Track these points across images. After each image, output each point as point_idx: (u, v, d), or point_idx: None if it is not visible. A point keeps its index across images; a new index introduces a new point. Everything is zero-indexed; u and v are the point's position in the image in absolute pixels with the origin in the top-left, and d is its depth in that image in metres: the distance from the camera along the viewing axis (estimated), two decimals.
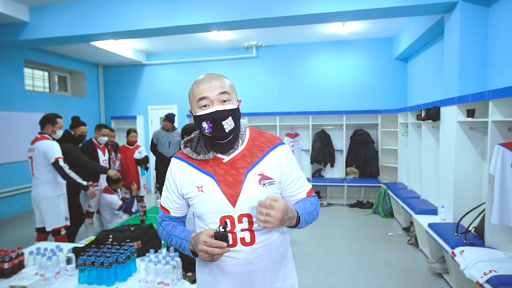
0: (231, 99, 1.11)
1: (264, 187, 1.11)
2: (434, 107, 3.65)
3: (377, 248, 3.96)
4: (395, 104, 6.29)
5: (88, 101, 7.48)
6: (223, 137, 1.09)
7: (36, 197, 3.43)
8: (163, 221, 1.26)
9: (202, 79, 1.12)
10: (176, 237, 1.16)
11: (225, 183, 1.11)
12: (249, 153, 1.16)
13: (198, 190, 1.12)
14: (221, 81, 1.11)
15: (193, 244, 1.08)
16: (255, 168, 1.13)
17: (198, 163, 1.16)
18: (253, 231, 1.11)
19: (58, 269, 2.03)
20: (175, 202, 1.22)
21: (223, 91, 1.09)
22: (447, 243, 2.81)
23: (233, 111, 1.10)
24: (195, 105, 1.11)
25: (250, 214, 1.10)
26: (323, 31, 5.89)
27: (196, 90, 1.10)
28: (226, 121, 1.08)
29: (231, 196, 1.10)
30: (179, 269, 1.97)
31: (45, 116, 3.48)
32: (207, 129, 1.08)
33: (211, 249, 1.00)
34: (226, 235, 1.03)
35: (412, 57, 5.99)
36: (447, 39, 3.78)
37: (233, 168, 1.13)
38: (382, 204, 5.35)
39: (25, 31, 4.60)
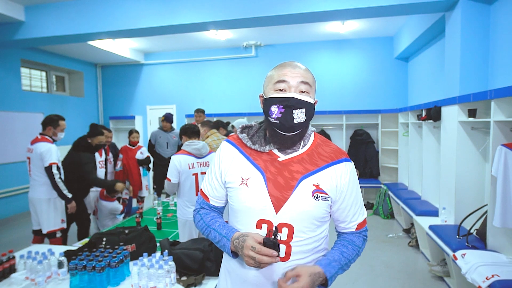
0: (310, 93, 1.01)
1: (317, 200, 0.99)
2: (435, 107, 3.59)
3: (377, 250, 3.90)
4: (396, 103, 6.23)
5: (86, 101, 7.43)
6: (289, 128, 0.98)
7: (32, 199, 3.38)
8: (202, 209, 1.16)
9: (286, 63, 1.03)
10: (216, 231, 1.06)
11: (274, 183, 1.00)
12: (309, 159, 1.04)
13: (242, 182, 1.02)
14: (305, 71, 1.02)
15: (236, 246, 0.98)
16: (312, 177, 1.01)
17: (250, 153, 1.06)
18: (291, 245, 0.99)
19: (50, 273, 1.97)
20: (216, 190, 1.11)
21: (304, 81, 1.00)
22: (448, 246, 2.75)
23: (308, 105, 0.99)
24: (270, 87, 1.02)
25: (292, 226, 0.98)
26: (322, 30, 5.84)
27: (276, 73, 1.02)
28: (298, 111, 0.97)
29: (277, 200, 0.98)
30: (173, 273, 1.92)
31: (48, 117, 3.42)
32: (275, 114, 0.97)
33: (259, 256, 0.90)
34: (276, 243, 0.92)
35: (412, 56, 5.93)
36: (448, 37, 3.72)
37: (287, 170, 1.02)
38: (382, 205, 5.29)
39: (21, 30, 4.55)
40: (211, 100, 7.15)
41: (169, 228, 3.30)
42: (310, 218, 1.00)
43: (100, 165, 4.17)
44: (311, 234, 1.01)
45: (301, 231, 0.99)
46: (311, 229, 1.01)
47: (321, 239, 1.06)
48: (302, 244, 1.00)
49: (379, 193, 5.42)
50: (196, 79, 7.21)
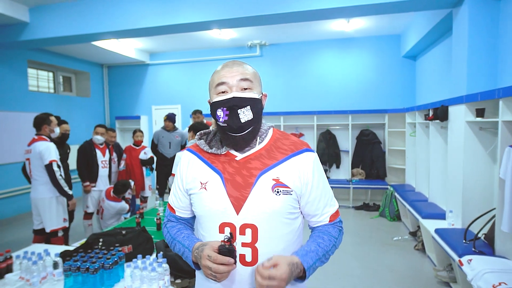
0: (252, 88, 0.98)
1: (278, 195, 0.94)
2: (442, 106, 3.49)
3: (382, 253, 3.81)
4: (403, 103, 6.10)
5: (92, 101, 7.50)
6: (237, 129, 0.95)
7: (34, 199, 3.40)
8: (169, 222, 1.13)
9: (223, 65, 1.02)
10: (180, 243, 1.02)
11: (233, 183, 0.96)
12: (267, 154, 1.00)
13: (201, 186, 0.99)
14: (243, 67, 0.99)
15: (196, 256, 0.94)
16: (271, 171, 0.97)
17: (208, 158, 1.03)
18: (257, 248, 0.94)
19: (45, 274, 1.96)
20: (180, 200, 1.08)
21: (244, 78, 0.97)
22: (454, 251, 2.66)
23: (253, 100, 0.96)
24: (213, 91, 1.00)
25: (256, 226, 0.93)
26: (327, 28, 5.75)
27: (215, 76, 1.00)
28: (243, 110, 0.94)
29: (237, 200, 0.95)
30: (166, 276, 1.88)
31: (38, 117, 3.42)
32: (222, 118, 0.96)
33: (215, 266, 0.86)
34: (231, 250, 0.88)
35: (420, 54, 5.79)
36: (455, 34, 3.61)
37: (245, 168, 0.98)
38: (388, 206, 5.18)
39: (26, 31, 4.60)
40: None
41: None
42: (274, 216, 0.95)
43: (103, 164, 4.18)
44: (278, 233, 0.96)
45: (266, 231, 0.94)
46: (278, 227, 0.96)
47: (291, 238, 1.00)
48: (270, 245, 0.95)
49: (386, 195, 5.31)
50: (201, 79, 7.19)
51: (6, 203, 5.39)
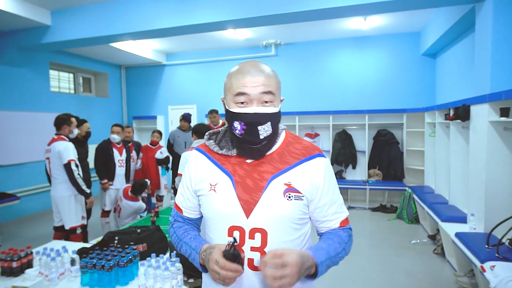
0: (274, 101, 0.93)
1: (290, 200, 0.92)
2: (464, 106, 3.36)
3: (399, 256, 3.71)
4: (422, 102, 5.93)
5: (111, 101, 7.67)
6: (255, 143, 0.93)
7: (54, 197, 3.51)
8: (176, 222, 1.11)
9: (244, 69, 0.94)
10: (186, 244, 1.01)
11: (243, 186, 0.94)
12: (279, 158, 0.98)
13: (211, 188, 0.97)
14: (267, 78, 0.93)
15: (203, 259, 0.93)
16: (283, 175, 0.94)
17: (218, 159, 1.01)
18: (266, 252, 0.91)
19: (63, 270, 2.01)
20: (188, 200, 1.06)
21: (267, 91, 0.91)
22: (476, 256, 2.55)
23: (274, 115, 0.93)
24: (230, 97, 0.94)
25: (265, 230, 0.91)
26: (344, 27, 5.66)
27: (235, 81, 0.93)
28: (263, 126, 0.91)
29: (247, 204, 0.93)
30: (179, 275, 1.89)
31: (59, 117, 3.53)
32: (238, 130, 0.93)
33: (224, 272, 0.84)
34: (236, 254, 0.86)
35: (441, 52, 5.61)
36: (478, 31, 3.47)
37: (257, 171, 0.96)
38: (406, 208, 5.05)
39: (48, 34, 4.76)
40: None
41: None
42: (284, 221, 0.93)
43: (120, 163, 4.26)
44: (288, 238, 0.94)
45: (276, 236, 0.92)
46: (287, 232, 0.94)
47: (300, 243, 0.98)
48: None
49: (403, 196, 5.18)
50: (216, 79, 7.23)
51: (29, 200, 5.59)
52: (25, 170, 5.57)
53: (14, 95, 5.41)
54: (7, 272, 2.05)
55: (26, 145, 5.55)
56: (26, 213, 5.55)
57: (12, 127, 5.33)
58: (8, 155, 5.29)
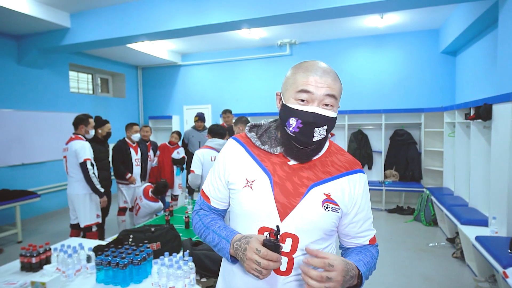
0: (334, 106, 0.91)
1: (327, 211, 0.91)
2: (485, 105, 3.23)
3: (416, 259, 3.61)
4: (441, 101, 5.76)
5: (128, 101, 7.82)
6: (306, 144, 0.90)
7: (70, 195, 3.60)
8: (201, 210, 1.08)
9: (313, 68, 0.90)
10: (215, 233, 0.97)
11: (282, 188, 0.92)
12: (322, 167, 0.96)
13: (247, 184, 0.94)
14: (333, 81, 0.90)
15: (236, 248, 0.89)
16: (324, 185, 0.93)
17: (258, 154, 0.98)
18: (293, 258, 0.90)
19: (79, 267, 2.05)
20: (218, 190, 1.03)
21: (331, 94, 0.89)
22: (497, 261, 2.45)
23: (331, 120, 0.90)
24: (291, 93, 0.91)
25: (297, 237, 0.89)
26: (360, 25, 5.56)
27: (300, 78, 0.90)
28: (319, 129, 0.88)
29: (283, 207, 0.90)
30: (192, 274, 1.90)
31: (78, 117, 3.63)
32: (293, 127, 0.89)
33: (265, 262, 0.80)
34: (278, 245, 0.83)
35: (461, 49, 5.43)
36: (501, 27, 3.33)
37: (297, 175, 0.93)
38: (424, 210, 4.92)
39: (67, 36, 4.89)
40: (245, 100, 7.16)
41: None
42: (317, 230, 0.91)
43: (136, 162, 4.33)
44: (317, 247, 0.91)
45: (306, 244, 0.90)
46: (317, 242, 0.92)
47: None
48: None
49: (421, 198, 5.04)
50: (231, 79, 7.26)
51: (49, 197, 5.77)
52: (45, 169, 5.75)
53: (35, 95, 5.59)
54: (26, 267, 2.11)
55: (46, 145, 5.73)
56: (46, 211, 5.73)
57: (33, 127, 5.51)
58: (30, 154, 5.48)
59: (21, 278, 1.98)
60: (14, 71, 5.28)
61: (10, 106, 5.20)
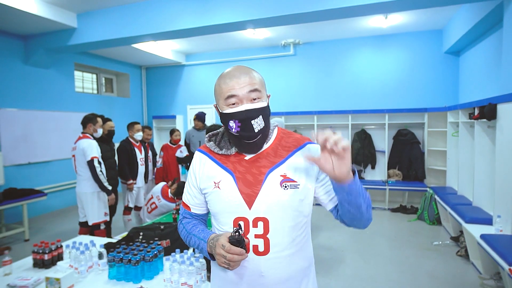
0: (261, 97, 1.03)
1: (286, 189, 1.01)
2: (490, 104, 3.26)
3: (421, 258, 3.64)
4: (444, 101, 5.78)
5: (132, 101, 7.87)
6: (251, 137, 1.02)
7: (79, 193, 3.64)
8: (184, 219, 1.20)
9: (230, 74, 1.03)
10: (195, 236, 1.10)
11: (244, 181, 1.04)
12: (274, 153, 1.07)
13: (215, 186, 1.06)
14: (251, 77, 1.02)
15: (211, 246, 1.01)
16: (278, 168, 1.04)
17: (219, 158, 1.11)
18: (268, 238, 1.01)
19: (91, 263, 2.09)
20: (195, 197, 1.16)
21: (253, 89, 1.01)
22: (503, 258, 2.48)
23: (263, 109, 1.02)
24: (222, 102, 1.03)
25: (267, 219, 1.01)
26: (364, 25, 5.59)
27: (224, 86, 1.02)
28: (255, 120, 1.01)
29: (248, 196, 1.02)
30: (203, 270, 1.93)
31: (86, 116, 3.68)
32: (234, 129, 1.02)
33: (229, 255, 0.92)
34: (241, 240, 0.94)
35: (464, 50, 5.46)
36: (506, 27, 3.36)
37: (254, 166, 1.05)
38: (427, 209, 4.94)
39: (74, 36, 4.93)
40: None
41: None
42: (283, 208, 1.02)
43: (141, 162, 4.36)
44: (288, 224, 1.03)
45: (276, 223, 1.01)
46: (287, 219, 1.02)
47: (299, 230, 1.06)
48: (280, 236, 1.02)
49: (425, 197, 5.07)
50: None
51: (56, 196, 5.82)
52: (51, 168, 5.79)
53: (41, 95, 5.64)
54: (39, 264, 2.14)
55: (52, 144, 5.77)
56: (52, 209, 5.78)
57: (39, 126, 5.56)
58: (36, 153, 5.52)
59: (34, 274, 2.02)
60: (20, 71, 5.33)
61: (16, 106, 5.25)
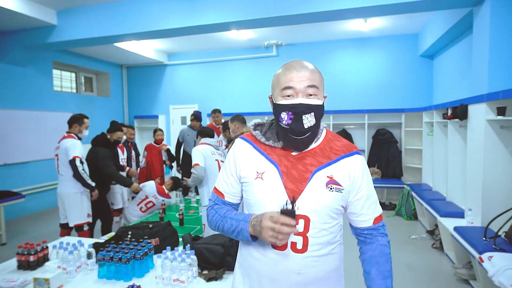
0: (317, 94, 1.02)
1: (331, 191, 1.01)
2: (461, 105, 3.48)
3: (400, 251, 3.83)
4: (420, 102, 6.07)
5: (112, 101, 7.72)
6: (300, 133, 1.00)
7: (60, 193, 3.56)
8: (216, 205, 1.15)
9: (292, 66, 1.03)
10: (232, 219, 1.06)
11: (289, 176, 1.02)
12: (322, 153, 1.06)
13: (258, 176, 1.04)
14: (311, 73, 1.01)
15: (254, 224, 0.98)
16: (325, 169, 1.03)
17: (264, 149, 1.08)
18: (307, 237, 1.00)
19: (79, 263, 2.08)
20: (231, 186, 1.12)
21: (311, 84, 1.00)
22: (474, 248, 2.67)
23: (317, 107, 1.01)
24: (278, 92, 1.03)
25: (308, 217, 1.00)
26: (344, 28, 5.77)
27: (282, 77, 1.02)
28: (307, 116, 0.99)
29: (292, 192, 1.00)
30: (195, 266, 1.98)
31: (73, 116, 3.62)
32: (285, 120, 1.00)
33: (278, 226, 0.90)
34: (293, 212, 0.91)
35: (438, 53, 5.75)
36: (476, 33, 3.59)
37: (301, 163, 1.04)
38: (405, 205, 5.17)
39: (53, 33, 4.81)
40: (232, 100, 7.24)
41: (191, 224, 3.38)
42: (325, 209, 1.01)
43: (123, 162, 4.32)
44: (327, 225, 1.03)
45: (317, 222, 1.01)
46: (326, 221, 1.03)
47: (336, 231, 1.07)
48: (318, 236, 1.01)
49: (402, 194, 5.30)
50: (218, 79, 7.31)
51: (34, 198, 5.63)
52: (29, 169, 5.61)
53: (17, 94, 5.45)
54: (24, 266, 2.11)
55: (29, 144, 5.59)
56: (31, 211, 5.60)
57: (16, 125, 5.37)
58: (12, 153, 5.33)
59: (19, 276, 1.99)
60: None
61: None
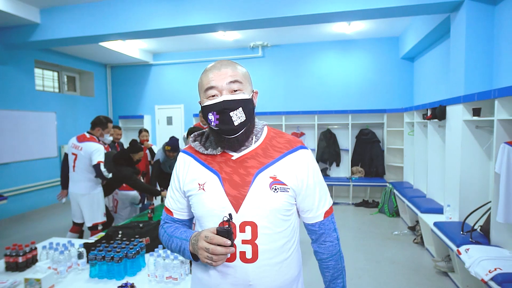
0: (243, 89, 0.97)
1: (276, 192, 0.95)
2: (440, 106, 3.65)
3: (383, 246, 3.97)
4: (401, 103, 6.28)
5: (96, 100, 7.59)
6: (231, 131, 0.95)
7: (74, 194, 3.52)
8: (165, 224, 1.12)
9: (212, 66, 0.99)
10: (177, 238, 1.01)
11: (230, 183, 0.96)
12: (263, 153, 1.00)
13: (200, 188, 0.99)
14: (232, 69, 0.97)
15: (193, 244, 0.93)
16: (268, 169, 0.97)
17: (204, 159, 1.03)
18: (257, 244, 0.94)
19: (70, 263, 2.08)
20: (178, 202, 1.08)
21: (234, 80, 0.95)
22: (452, 242, 2.82)
23: (245, 101, 0.95)
24: (203, 95, 0.98)
25: (255, 223, 0.94)
26: (329, 30, 5.91)
27: (204, 79, 0.98)
28: (235, 112, 0.93)
29: (235, 199, 0.95)
30: (187, 264, 2.01)
31: (98, 118, 3.59)
32: (213, 121, 0.95)
33: (212, 246, 0.85)
34: (229, 231, 0.85)
35: (418, 56, 5.97)
36: (453, 38, 3.78)
37: (242, 167, 0.98)
38: (387, 203, 5.35)
39: (36, 32, 4.71)
40: None
41: None
42: (272, 212, 0.96)
43: None
44: (277, 229, 0.97)
45: (265, 227, 0.95)
46: (276, 224, 0.97)
47: (289, 235, 1.01)
48: (269, 242, 0.95)
49: (385, 192, 5.47)
50: None
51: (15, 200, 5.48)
52: (10, 170, 5.45)
53: None
54: (12, 267, 2.09)
55: (10, 145, 5.44)
56: (13, 213, 5.45)
57: None
58: None
59: (8, 277, 1.98)
60: None
61: None
